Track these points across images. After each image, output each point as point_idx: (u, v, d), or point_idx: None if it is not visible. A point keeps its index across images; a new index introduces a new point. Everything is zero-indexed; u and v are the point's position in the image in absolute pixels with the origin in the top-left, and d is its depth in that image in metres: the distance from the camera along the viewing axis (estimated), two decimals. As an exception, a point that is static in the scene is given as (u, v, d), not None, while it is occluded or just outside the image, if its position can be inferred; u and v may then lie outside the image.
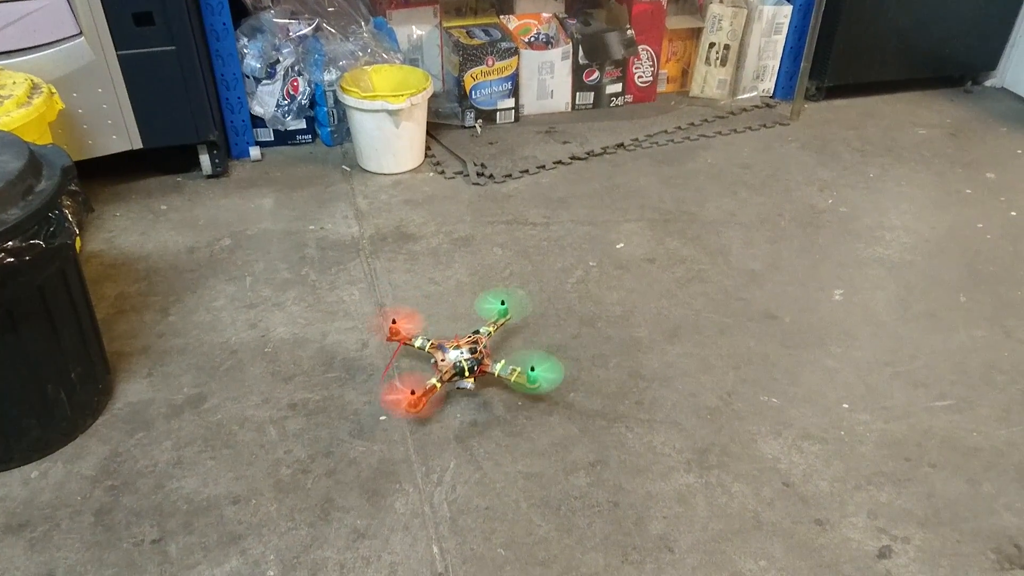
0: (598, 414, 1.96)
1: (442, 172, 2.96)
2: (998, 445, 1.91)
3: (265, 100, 3.00)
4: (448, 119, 3.27)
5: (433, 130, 3.17)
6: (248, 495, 1.74)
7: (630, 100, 3.46)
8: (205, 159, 2.86)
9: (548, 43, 3.33)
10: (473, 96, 3.19)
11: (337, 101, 2.96)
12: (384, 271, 2.43)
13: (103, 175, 2.81)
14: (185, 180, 2.90)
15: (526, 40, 3.33)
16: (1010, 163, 3.12)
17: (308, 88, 3.03)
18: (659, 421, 1.95)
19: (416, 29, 3.24)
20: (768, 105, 3.51)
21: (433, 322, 2.24)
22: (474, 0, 3.47)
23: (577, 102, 3.39)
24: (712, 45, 3.41)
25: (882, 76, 3.59)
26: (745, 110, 3.46)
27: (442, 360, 1.96)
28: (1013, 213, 2.80)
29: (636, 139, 3.19)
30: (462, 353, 1.96)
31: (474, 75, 3.15)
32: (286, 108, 3.02)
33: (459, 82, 3.17)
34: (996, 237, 2.67)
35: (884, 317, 2.31)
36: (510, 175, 2.93)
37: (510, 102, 3.25)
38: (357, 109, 2.83)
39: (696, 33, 3.44)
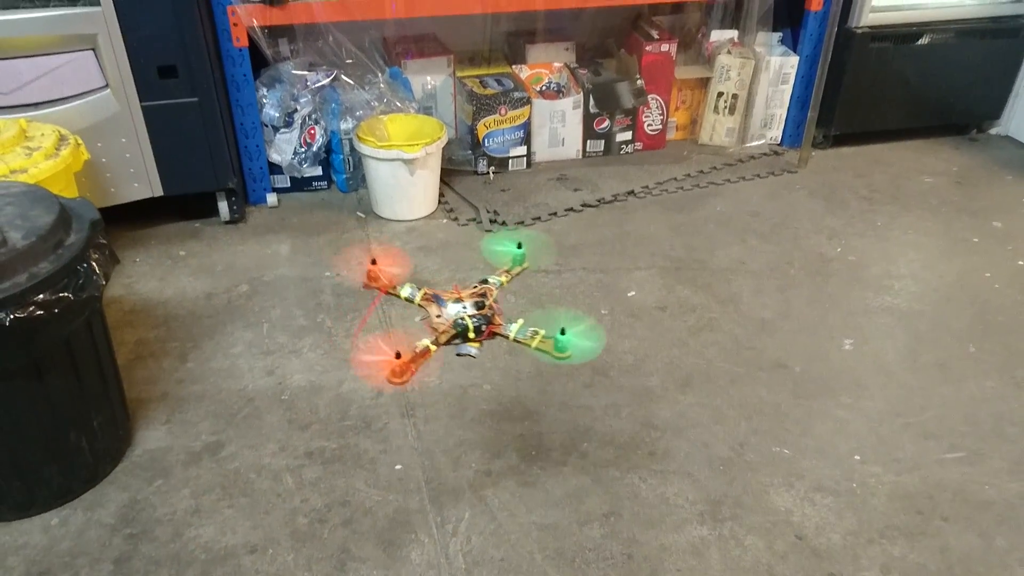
0: (611, 464, 1.98)
1: (455, 219, 3.01)
2: (1010, 498, 1.92)
3: (283, 148, 3.06)
4: (461, 166, 3.33)
5: (446, 177, 3.23)
6: (265, 544, 1.76)
7: (640, 148, 3.52)
8: (223, 205, 2.92)
9: (559, 92, 3.40)
10: (486, 144, 3.25)
11: (353, 149, 3.03)
12: (399, 318, 2.46)
13: (123, 221, 2.86)
14: (203, 226, 2.96)
15: (538, 89, 3.40)
16: (1016, 211, 3.15)
17: (324, 136, 3.09)
18: (672, 472, 1.96)
19: (430, 79, 3.32)
20: (776, 153, 3.57)
21: (449, 370, 2.26)
22: (487, 50, 3.56)
23: (588, 150, 3.45)
24: (720, 94, 3.48)
25: (888, 124, 3.65)
26: (753, 158, 3.52)
27: (438, 316, 1.55)
28: (1021, 262, 2.83)
29: (646, 186, 3.24)
30: (465, 308, 1.57)
31: (487, 124, 3.21)
32: (303, 156, 3.09)
33: (472, 130, 3.23)
34: (1004, 286, 2.70)
35: (894, 367, 2.33)
36: (522, 222, 2.98)
37: (522, 150, 3.31)
38: (373, 158, 2.89)
39: (705, 82, 3.51)
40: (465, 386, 2.21)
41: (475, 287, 1.54)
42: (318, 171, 3.16)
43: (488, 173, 3.29)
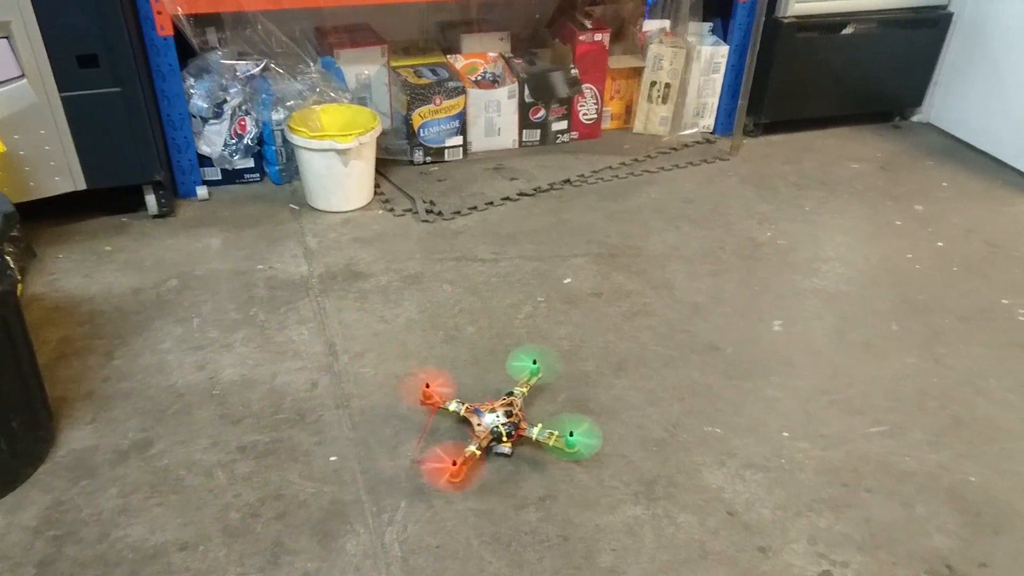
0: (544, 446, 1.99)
1: (391, 210, 2.99)
2: (930, 468, 1.99)
3: (212, 139, 3.00)
4: (397, 156, 3.31)
5: (382, 167, 3.20)
6: (196, 541, 1.73)
7: (576, 137, 3.54)
8: (151, 199, 2.84)
9: (495, 82, 3.40)
10: (422, 134, 3.24)
11: (285, 140, 2.98)
12: (334, 310, 2.44)
13: (46, 216, 2.77)
14: (131, 220, 2.88)
15: (473, 79, 3.40)
16: (936, 195, 3.27)
17: (256, 127, 3.04)
18: (607, 454, 1.98)
19: (364, 69, 3.28)
20: (709, 141, 3.63)
21: (384, 360, 2.25)
22: (422, 40, 3.54)
23: (524, 139, 3.46)
24: (654, 84, 3.52)
25: (816, 112, 3.75)
26: (687, 146, 3.57)
27: (478, 425, 1.94)
28: (940, 243, 2.93)
29: (582, 175, 3.26)
30: (498, 417, 1.94)
31: (422, 114, 3.20)
32: (234, 147, 3.03)
33: (407, 120, 3.21)
34: (925, 267, 2.80)
35: (821, 346, 2.40)
36: (459, 212, 2.98)
37: (458, 140, 3.30)
38: (306, 148, 2.85)
39: (638, 72, 3.54)
40: (400, 375, 2.20)
41: (503, 399, 2.00)
42: (250, 163, 3.10)
43: (424, 162, 3.27)
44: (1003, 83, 3.47)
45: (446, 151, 3.31)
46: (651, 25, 3.53)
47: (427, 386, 2.05)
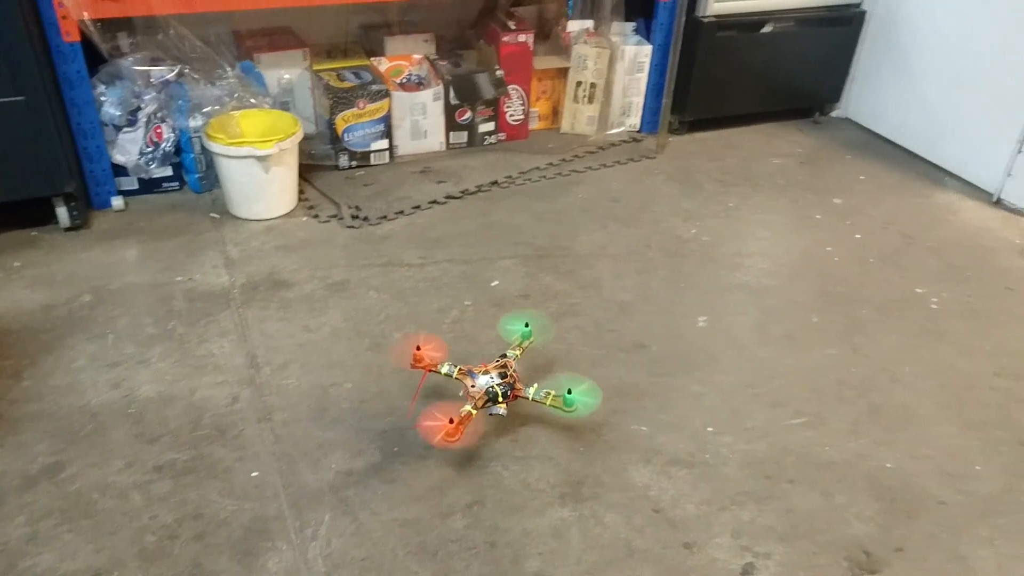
0: (474, 454, 1.98)
1: (316, 216, 2.94)
2: (848, 457, 2.04)
3: (127, 148, 2.90)
4: (322, 161, 3.26)
5: (306, 173, 3.14)
6: (110, 567, 1.66)
7: (503, 138, 3.53)
8: (62, 211, 2.74)
9: (420, 84, 3.37)
10: (346, 138, 3.19)
11: (204, 148, 2.90)
12: (256, 320, 2.39)
13: (-52, 232, 2.65)
14: (41, 234, 2.76)
15: (398, 82, 3.36)
16: (854, 188, 3.36)
17: (173, 135, 2.95)
18: (534, 457, 1.98)
19: (285, 73, 3.22)
20: (635, 139, 3.66)
21: (308, 371, 2.21)
22: (344, 43, 3.49)
23: (451, 141, 3.44)
24: (579, 83, 3.54)
25: (739, 110, 3.82)
26: (614, 145, 3.60)
27: (472, 386, 1.91)
28: (858, 236, 3.01)
29: (510, 176, 3.26)
30: (492, 378, 1.91)
31: (346, 118, 3.15)
32: (150, 156, 2.94)
33: (331, 125, 3.16)
34: (844, 259, 2.87)
35: (745, 341, 2.44)
36: (385, 216, 2.94)
37: (384, 143, 3.26)
38: (225, 156, 2.78)
39: (564, 72, 3.56)
40: (325, 386, 2.17)
41: (497, 361, 1.98)
42: (168, 171, 3.01)
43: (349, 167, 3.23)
44: (914, 78, 3.59)
45: (372, 155, 3.27)
46: (575, 25, 3.54)
47: (418, 348, 1.99)
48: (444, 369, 1.98)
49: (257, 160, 2.76)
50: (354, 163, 3.25)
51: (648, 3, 3.53)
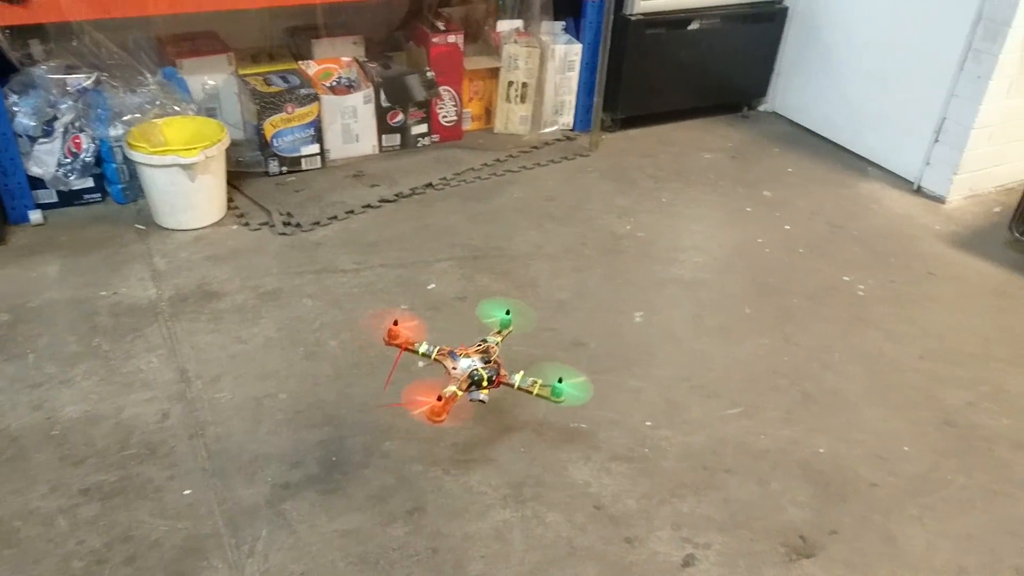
0: (415, 460, 1.96)
1: (246, 224, 2.88)
2: (782, 444, 2.08)
3: (44, 160, 2.79)
4: (252, 168, 3.19)
5: (235, 180, 3.07)
6: (35, 597, 1.60)
7: (437, 140, 3.51)
8: (-24, 228, 2.62)
9: (350, 87, 3.33)
10: (275, 144, 3.13)
11: (127, 157, 2.81)
12: (185, 334, 2.32)
13: None
14: (-46, 252, 2.65)
15: (327, 85, 3.31)
16: (783, 181, 3.43)
17: (93, 145, 2.85)
18: (475, 460, 1.97)
19: (209, 78, 3.14)
20: (569, 138, 3.68)
21: (241, 383, 2.16)
22: (271, 47, 3.42)
23: (384, 144, 3.40)
24: (511, 83, 3.54)
25: (670, 106, 3.87)
26: (548, 144, 3.61)
27: (454, 368, 1.78)
28: (787, 227, 3.08)
29: (444, 178, 3.24)
30: (474, 362, 1.79)
31: (274, 123, 3.09)
32: (69, 167, 2.83)
33: (259, 130, 3.10)
34: (774, 250, 2.93)
35: (680, 334, 2.47)
36: (318, 222, 2.89)
37: (314, 148, 3.21)
38: (148, 165, 2.70)
39: (495, 72, 3.55)
40: (259, 398, 2.12)
41: (478, 345, 1.85)
42: (89, 183, 2.90)
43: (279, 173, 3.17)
44: (836, 72, 3.69)
45: (303, 160, 3.21)
46: (505, 25, 3.54)
47: (395, 323, 1.84)
48: (422, 348, 1.84)
49: (182, 169, 2.68)
50: (285, 169, 3.19)
51: (576, 2, 3.55)
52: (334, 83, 3.34)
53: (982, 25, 3.05)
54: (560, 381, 1.81)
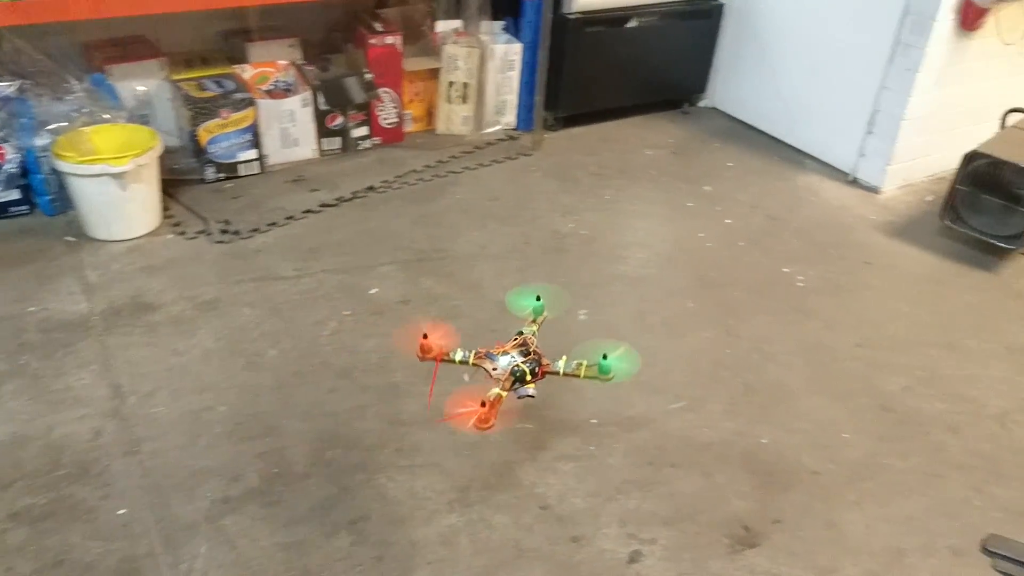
0: (358, 468, 1.93)
1: (183, 233, 2.81)
2: (726, 436, 2.10)
3: (-35, 172, 2.69)
4: (188, 175, 3.11)
5: (171, 188, 3.00)
6: (-40, 629, 1.54)
7: (379, 142, 3.47)
8: None
9: (288, 91, 3.27)
10: (211, 150, 3.06)
11: (54, 167, 2.72)
12: (119, 348, 2.26)
13: None
14: None
15: (264, 89, 3.25)
16: (723, 175, 3.48)
17: (18, 155, 2.75)
18: (420, 465, 1.95)
19: (140, 84, 3.06)
20: (512, 137, 3.67)
21: (178, 396, 2.11)
22: (205, 51, 3.35)
23: (324, 148, 3.35)
24: (451, 84, 3.52)
25: (612, 103, 3.89)
26: (491, 144, 3.60)
27: (494, 369, 1.68)
28: (728, 221, 3.12)
29: (386, 181, 3.21)
30: (513, 357, 1.69)
31: (209, 128, 3.02)
32: (-8, 179, 2.73)
33: (194, 137, 3.03)
34: (716, 245, 2.96)
35: (625, 331, 2.48)
36: (257, 229, 2.84)
37: (252, 153, 3.15)
38: (77, 175, 2.62)
39: (435, 73, 3.53)
40: (197, 411, 2.07)
41: (514, 339, 1.73)
42: (15, 195, 2.80)
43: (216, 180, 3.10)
44: (772, 67, 3.74)
45: (240, 166, 3.15)
46: (444, 26, 3.52)
47: (424, 337, 1.73)
48: (458, 356, 1.74)
49: (112, 178, 2.61)
50: (222, 175, 3.12)
51: (515, 1, 3.55)
52: (271, 87, 3.28)
53: (909, 19, 3.12)
54: (605, 358, 1.69)
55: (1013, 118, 3.22)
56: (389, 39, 3.33)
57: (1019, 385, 2.37)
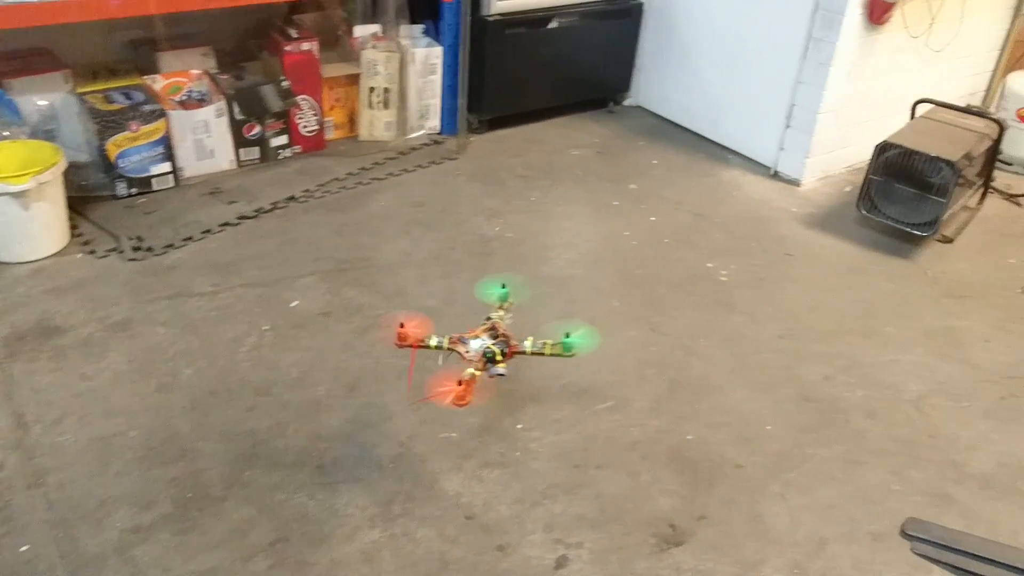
0: (277, 488, 1.88)
1: (92, 251, 2.70)
2: (651, 435, 2.11)
3: None
4: (98, 191, 3.00)
5: (79, 206, 2.88)
6: None
7: (299, 151, 3.40)
8: None
9: (202, 101, 3.18)
10: (121, 164, 2.95)
11: (-50, 188, 2.59)
12: (23, 375, 2.15)
13: None
14: None
15: (176, 100, 3.15)
16: (648, 173, 3.50)
17: (-90, 176, 2.61)
18: (342, 482, 1.91)
19: (43, 98, 2.94)
20: (436, 142, 3.64)
21: (86, 423, 2.02)
22: (112, 61, 3.23)
23: (242, 158, 3.27)
24: (372, 89, 3.47)
25: (536, 104, 3.88)
26: (415, 149, 3.56)
27: (467, 352, 1.82)
28: (653, 218, 3.14)
29: (307, 190, 3.14)
30: (484, 341, 1.83)
31: (118, 142, 2.91)
32: None
33: (102, 151, 2.92)
34: (641, 242, 2.98)
35: (550, 333, 2.46)
36: (172, 245, 2.75)
37: (165, 166, 3.05)
38: (-27, 195, 2.50)
39: (355, 79, 3.47)
40: (107, 437, 1.98)
41: (484, 324, 1.89)
42: (-91, 218, 2.66)
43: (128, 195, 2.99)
44: (693, 64, 3.79)
45: (153, 180, 3.04)
46: (361, 31, 3.46)
47: (401, 326, 1.85)
48: (433, 342, 1.86)
49: (12, 197, 2.49)
50: (134, 190, 3.02)
51: (434, 4, 3.51)
52: (184, 97, 3.19)
53: (819, 14, 3.19)
54: (567, 336, 1.84)
55: (922, 108, 3.32)
56: (305, 45, 3.26)
57: (935, 369, 2.43)
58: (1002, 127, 3.15)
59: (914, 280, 2.88)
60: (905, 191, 3.00)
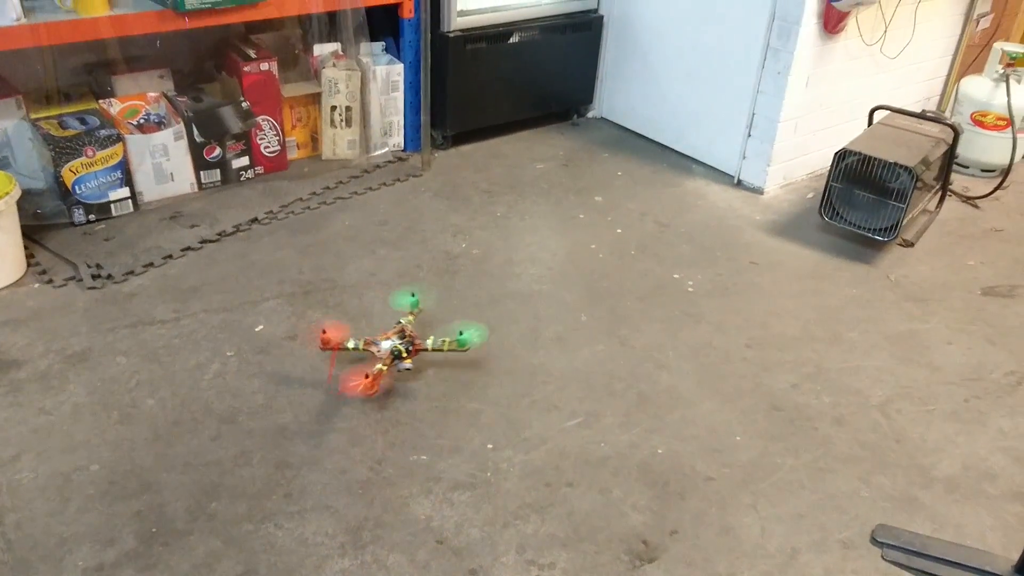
0: (244, 519, 1.84)
1: (50, 281, 2.64)
2: (622, 450, 2.10)
3: None
4: (55, 219, 2.94)
5: (35, 234, 2.83)
6: None
7: (262, 171, 3.37)
8: None
9: (160, 124, 3.14)
10: (77, 191, 2.90)
11: (-102, 220, 2.52)
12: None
13: None
14: None
15: (134, 123, 3.11)
16: (613, 185, 3.51)
17: None
18: (309, 509, 1.88)
19: (-6, 125, 2.88)
20: (400, 159, 3.62)
21: (45, 459, 1.96)
22: (67, 86, 3.18)
23: (204, 181, 3.22)
24: (334, 108, 3.45)
25: (500, 119, 3.88)
26: (379, 167, 3.54)
27: (378, 351, 2.20)
28: (619, 230, 3.15)
29: (270, 211, 3.11)
30: (393, 342, 2.21)
31: (74, 168, 2.86)
32: None
33: (58, 178, 2.86)
34: (606, 255, 2.98)
35: (518, 349, 2.46)
36: (132, 272, 2.70)
37: (124, 191, 3.00)
38: (-77, 227, 2.43)
39: (317, 98, 3.45)
40: (67, 472, 1.94)
41: (395, 327, 2.29)
42: None
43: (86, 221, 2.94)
44: (655, 75, 3.82)
45: (112, 206, 2.99)
46: (321, 49, 3.44)
47: (324, 332, 2.25)
48: (350, 344, 2.25)
49: (-36, 228, 2.44)
50: (92, 217, 2.96)
51: (393, 21, 3.51)
52: (141, 120, 3.15)
53: (776, 25, 3.23)
54: (461, 333, 2.25)
55: (879, 115, 3.37)
56: (264, 65, 3.23)
57: (899, 373, 2.46)
58: (957, 131, 3.21)
59: (876, 284, 2.91)
60: (865, 197, 3.04)
